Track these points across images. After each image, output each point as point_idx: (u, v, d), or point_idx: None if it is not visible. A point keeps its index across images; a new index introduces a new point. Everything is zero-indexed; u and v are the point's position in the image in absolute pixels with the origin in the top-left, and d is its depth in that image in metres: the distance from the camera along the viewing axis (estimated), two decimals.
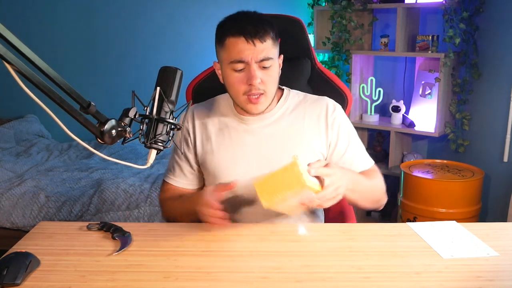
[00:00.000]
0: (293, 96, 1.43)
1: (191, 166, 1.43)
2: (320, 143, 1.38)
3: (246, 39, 1.24)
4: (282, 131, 1.37)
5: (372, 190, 1.35)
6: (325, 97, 1.43)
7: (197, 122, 1.42)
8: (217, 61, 1.34)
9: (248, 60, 1.25)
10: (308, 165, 1.11)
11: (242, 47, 1.24)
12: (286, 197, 1.08)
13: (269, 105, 1.36)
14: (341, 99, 1.55)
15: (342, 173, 1.17)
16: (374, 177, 1.37)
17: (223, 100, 1.44)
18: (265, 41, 1.26)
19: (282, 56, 1.37)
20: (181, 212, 1.36)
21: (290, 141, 1.37)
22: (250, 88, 1.27)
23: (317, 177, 1.12)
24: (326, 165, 1.13)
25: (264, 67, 1.27)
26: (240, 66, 1.26)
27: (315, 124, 1.38)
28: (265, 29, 1.26)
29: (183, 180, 1.45)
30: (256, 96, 1.28)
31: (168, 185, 1.46)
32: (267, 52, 1.26)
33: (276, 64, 1.31)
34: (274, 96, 1.36)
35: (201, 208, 1.22)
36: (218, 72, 1.35)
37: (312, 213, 1.42)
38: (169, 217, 1.44)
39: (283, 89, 1.44)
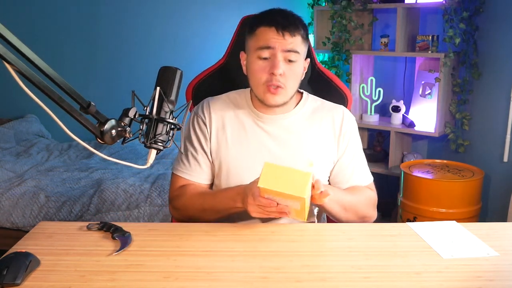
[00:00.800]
0: (311, 100, 1.44)
1: (208, 158, 1.41)
2: (332, 150, 1.40)
3: (276, 29, 1.28)
4: (298, 135, 1.38)
5: (356, 206, 1.35)
6: (342, 106, 1.46)
7: (213, 114, 1.41)
8: (244, 53, 1.37)
9: (275, 47, 1.27)
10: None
11: (271, 36, 1.28)
12: (280, 193, 1.09)
13: (288, 105, 1.37)
14: (341, 99, 1.55)
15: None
16: (362, 194, 1.39)
17: (238, 95, 1.44)
18: (294, 36, 1.28)
19: (308, 60, 1.38)
20: (209, 208, 1.32)
21: (305, 145, 1.38)
22: (271, 78, 1.29)
23: None
24: None
25: (290, 60, 1.29)
26: (266, 53, 1.28)
27: (330, 131, 1.40)
28: (296, 25, 1.29)
29: (199, 175, 1.40)
30: (275, 87, 1.29)
31: (182, 180, 1.41)
32: (295, 45, 1.29)
33: (301, 62, 1.33)
34: (293, 97, 1.37)
35: (251, 199, 1.17)
36: (243, 63, 1.37)
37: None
38: (183, 214, 1.38)
39: (302, 93, 1.45)
